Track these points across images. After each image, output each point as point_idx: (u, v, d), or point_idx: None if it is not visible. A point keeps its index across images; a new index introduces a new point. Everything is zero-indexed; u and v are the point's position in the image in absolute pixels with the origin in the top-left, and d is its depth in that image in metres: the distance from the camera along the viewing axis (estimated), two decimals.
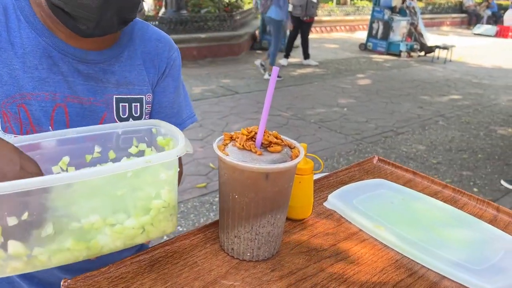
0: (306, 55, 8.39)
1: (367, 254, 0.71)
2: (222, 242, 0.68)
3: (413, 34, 10.28)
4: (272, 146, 0.64)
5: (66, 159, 0.68)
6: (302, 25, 7.93)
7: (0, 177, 0.52)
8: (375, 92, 6.72)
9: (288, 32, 8.29)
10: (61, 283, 0.58)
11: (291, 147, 0.66)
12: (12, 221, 0.52)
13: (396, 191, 0.91)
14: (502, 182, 3.64)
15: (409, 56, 9.91)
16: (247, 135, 0.64)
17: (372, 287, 0.64)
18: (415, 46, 10.03)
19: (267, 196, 0.62)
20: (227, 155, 0.62)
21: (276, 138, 0.66)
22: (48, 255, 0.56)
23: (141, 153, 0.72)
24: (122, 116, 0.84)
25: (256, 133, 0.64)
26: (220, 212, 0.67)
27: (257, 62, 7.50)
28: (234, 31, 8.50)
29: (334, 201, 0.85)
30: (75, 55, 0.77)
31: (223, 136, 0.67)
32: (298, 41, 8.47)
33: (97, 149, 0.71)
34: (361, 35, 12.13)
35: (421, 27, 10.31)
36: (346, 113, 5.57)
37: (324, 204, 0.85)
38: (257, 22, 10.09)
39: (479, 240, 0.77)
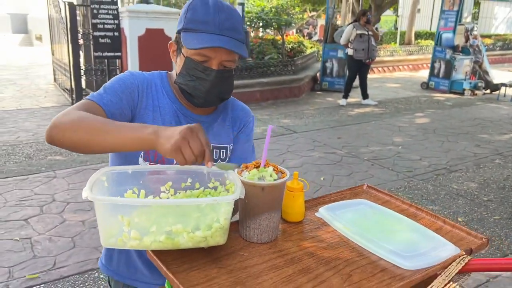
0: (365, 95, 8.69)
1: (335, 242, 1.09)
2: (240, 230, 1.11)
3: (478, 72, 10.19)
4: None
5: (169, 183, 1.09)
6: (362, 67, 8.28)
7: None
8: (432, 131, 6.82)
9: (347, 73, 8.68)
10: None
11: (282, 172, 1.08)
12: (137, 219, 0.93)
13: (372, 208, 1.28)
14: None
15: (473, 94, 9.80)
16: (254, 165, 1.08)
17: (333, 260, 1.02)
18: (479, 84, 9.92)
19: (264, 202, 1.04)
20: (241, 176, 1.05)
21: (274, 167, 1.08)
22: (150, 242, 0.93)
23: (214, 188, 1.10)
24: (214, 158, 1.33)
25: (260, 163, 1.07)
26: (239, 211, 1.10)
27: None
28: (295, 74, 9.07)
29: (322, 211, 1.24)
30: (192, 118, 1.29)
31: (242, 165, 1.11)
32: (357, 82, 8.80)
33: (189, 180, 1.10)
34: (425, 74, 12.17)
35: (486, 64, 10.21)
36: (400, 151, 5.76)
37: (315, 214, 1.24)
38: (318, 65, 10.61)
39: (418, 239, 1.12)
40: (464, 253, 1.06)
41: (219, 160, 1.35)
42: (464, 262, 1.03)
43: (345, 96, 8.59)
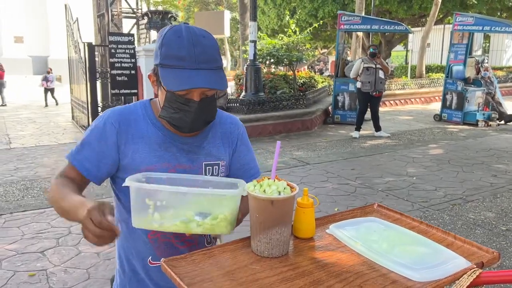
0: (377, 128, 8.71)
1: (345, 257, 1.11)
2: (252, 245, 1.13)
3: (490, 103, 10.18)
4: None
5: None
6: (372, 100, 8.35)
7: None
8: (447, 161, 6.77)
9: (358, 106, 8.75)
10: (162, 261, 1.06)
11: (291, 187, 1.12)
12: (159, 203, 1.11)
13: (382, 224, 1.29)
14: None
15: (487, 125, 9.75)
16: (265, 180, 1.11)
17: (344, 272, 1.03)
18: (493, 115, 9.89)
19: (274, 216, 1.07)
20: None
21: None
22: (169, 225, 1.12)
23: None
24: (208, 175, 1.35)
25: (269, 179, 1.11)
26: (250, 226, 1.13)
27: None
28: (307, 108, 9.17)
29: (333, 228, 1.26)
30: (180, 141, 1.32)
31: (254, 181, 1.15)
32: (369, 114, 8.85)
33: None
34: (437, 106, 12.18)
35: (498, 96, 10.21)
36: (415, 182, 5.71)
37: (326, 231, 1.26)
38: (330, 99, 10.73)
39: (429, 253, 1.12)
40: (475, 266, 1.07)
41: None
42: (476, 274, 1.04)
43: (358, 129, 8.62)
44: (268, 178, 1.12)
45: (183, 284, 0.96)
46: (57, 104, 15.98)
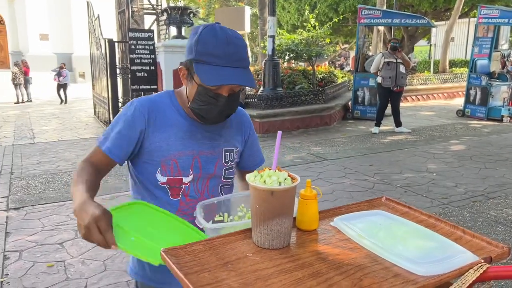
0: (398, 123, 8.56)
1: (348, 249, 1.08)
2: (252, 236, 1.12)
3: None
4: None
5: (242, 205, 1.35)
6: (392, 95, 8.22)
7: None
8: (469, 158, 6.61)
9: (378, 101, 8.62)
10: (161, 251, 1.06)
11: (293, 178, 1.10)
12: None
13: (389, 218, 1.26)
14: None
15: None
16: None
17: (345, 265, 1.01)
18: None
19: (275, 207, 1.06)
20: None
21: (286, 173, 1.10)
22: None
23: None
24: (226, 160, 1.47)
25: (270, 169, 1.09)
26: (251, 217, 1.12)
27: None
28: (326, 103, 9.08)
29: (337, 221, 1.23)
30: (203, 129, 1.42)
31: (255, 171, 1.13)
32: (389, 110, 8.71)
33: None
34: (460, 102, 11.90)
35: None
36: (435, 178, 5.60)
37: (330, 223, 1.24)
38: (349, 94, 10.60)
39: (435, 247, 1.09)
40: (483, 261, 1.03)
41: (229, 162, 1.48)
42: (482, 269, 1.00)
43: (378, 124, 8.50)
44: (269, 169, 1.11)
45: (180, 274, 0.96)
46: (65, 102, 15.75)
